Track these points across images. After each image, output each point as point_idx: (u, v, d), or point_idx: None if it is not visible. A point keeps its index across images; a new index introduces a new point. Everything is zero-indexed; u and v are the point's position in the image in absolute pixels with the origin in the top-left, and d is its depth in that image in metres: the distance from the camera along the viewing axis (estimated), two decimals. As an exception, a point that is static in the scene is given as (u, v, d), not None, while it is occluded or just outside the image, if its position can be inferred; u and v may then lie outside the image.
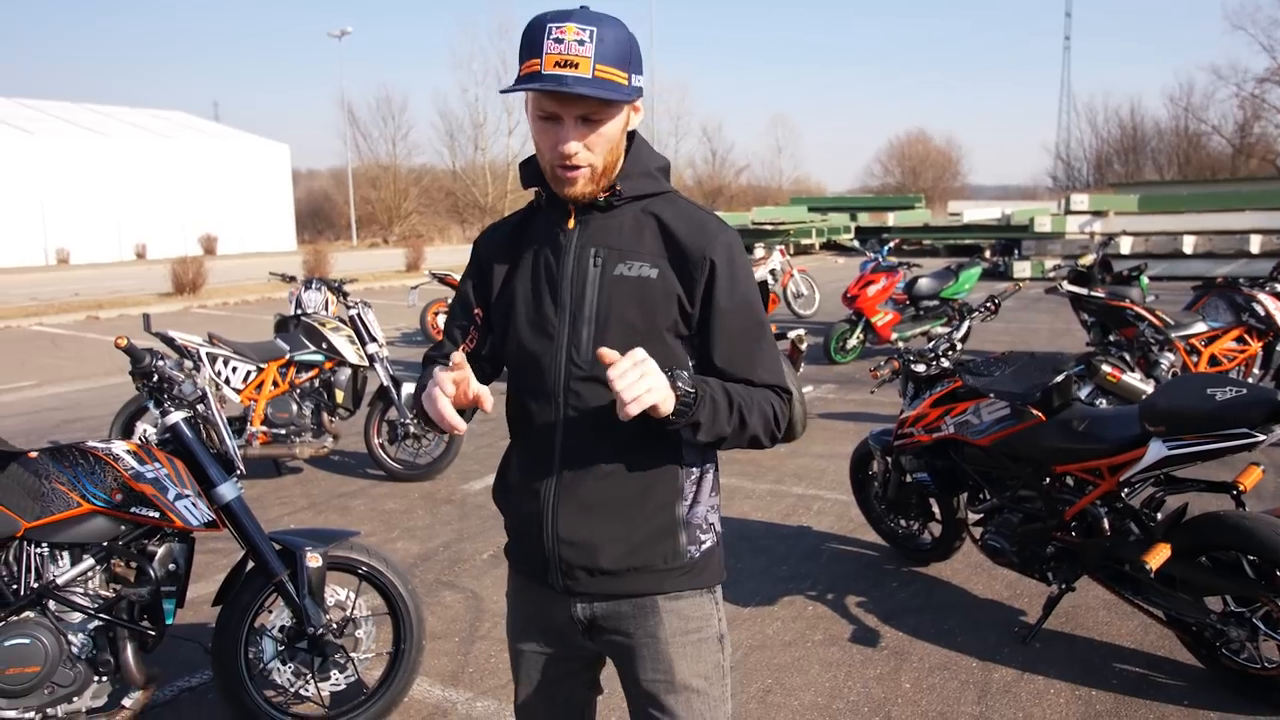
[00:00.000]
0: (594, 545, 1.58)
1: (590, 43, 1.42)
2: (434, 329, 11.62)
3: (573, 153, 1.48)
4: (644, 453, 1.57)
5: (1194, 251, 17.58)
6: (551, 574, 1.62)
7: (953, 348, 3.94)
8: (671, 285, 1.56)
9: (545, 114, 1.48)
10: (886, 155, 67.20)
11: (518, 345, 1.62)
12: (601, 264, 1.57)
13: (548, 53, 1.42)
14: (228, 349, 5.67)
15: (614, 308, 1.55)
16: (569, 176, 1.51)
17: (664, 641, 1.62)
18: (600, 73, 1.42)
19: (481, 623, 3.80)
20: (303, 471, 6.10)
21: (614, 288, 1.56)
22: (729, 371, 1.58)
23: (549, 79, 1.41)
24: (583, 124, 1.47)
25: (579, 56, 1.41)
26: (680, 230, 1.58)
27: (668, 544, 1.61)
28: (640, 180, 1.60)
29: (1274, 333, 6.04)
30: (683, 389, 1.44)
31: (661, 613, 1.63)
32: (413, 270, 23.14)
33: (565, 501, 1.58)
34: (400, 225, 46.10)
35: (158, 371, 2.76)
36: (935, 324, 9.39)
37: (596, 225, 1.59)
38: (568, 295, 1.57)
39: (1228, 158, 50.21)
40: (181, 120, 42.20)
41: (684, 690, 1.62)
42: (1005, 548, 3.59)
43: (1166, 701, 3.07)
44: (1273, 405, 2.83)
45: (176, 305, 16.71)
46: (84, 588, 2.64)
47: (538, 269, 1.62)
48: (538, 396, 1.59)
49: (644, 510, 1.59)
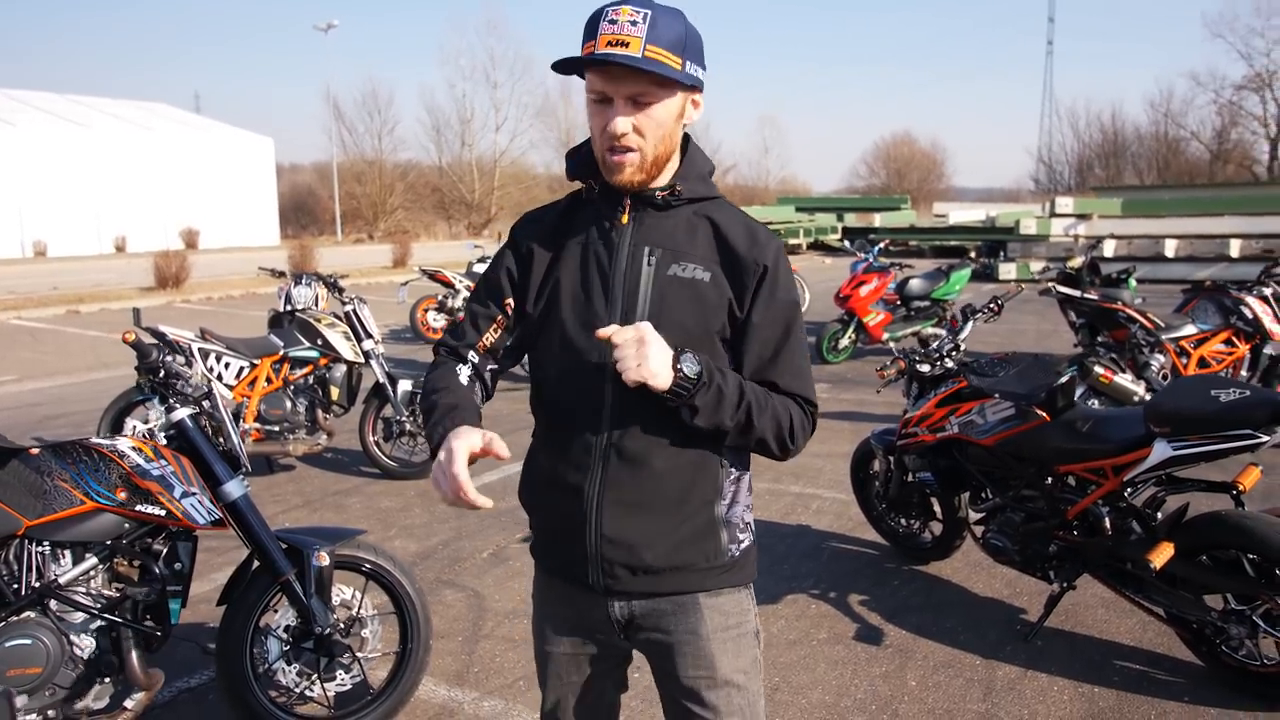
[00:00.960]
0: (638, 543, 1.57)
1: (643, 24, 1.43)
2: (424, 326, 11.56)
3: (622, 132, 1.48)
4: (689, 452, 1.57)
5: (1175, 255, 17.75)
6: (592, 573, 1.61)
7: (956, 348, 3.96)
8: (723, 289, 1.56)
9: (597, 95, 1.49)
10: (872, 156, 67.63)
11: (561, 340, 1.59)
12: (655, 263, 1.56)
13: (601, 34, 1.44)
14: (220, 344, 5.62)
15: (667, 308, 1.54)
16: (617, 161, 1.51)
17: (705, 638, 1.62)
18: (650, 53, 1.43)
19: (484, 622, 3.79)
20: (296, 469, 6.06)
21: (667, 288, 1.55)
22: (755, 377, 1.59)
23: (597, 55, 1.43)
24: (632, 105, 1.48)
25: (630, 36, 1.43)
26: (734, 236, 1.58)
27: (710, 543, 1.61)
28: (696, 183, 1.60)
29: (1261, 336, 6.11)
30: (684, 372, 1.45)
31: (703, 609, 1.62)
32: (400, 266, 23.02)
33: (610, 499, 1.57)
34: (386, 221, 45.84)
35: (165, 367, 2.72)
36: (926, 324, 9.44)
37: (651, 224, 1.58)
38: (620, 292, 1.56)
39: (1206, 163, 50.81)
40: (163, 112, 41.76)
41: (725, 686, 1.62)
42: (1008, 546, 3.61)
43: (1168, 698, 3.10)
44: (1276, 406, 2.86)
45: (159, 300, 16.54)
46: (86, 587, 2.60)
47: (587, 263, 1.59)
48: (582, 393, 1.57)
49: (686, 509, 1.59)
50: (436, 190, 51.46)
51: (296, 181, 54.39)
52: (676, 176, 1.58)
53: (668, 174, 1.58)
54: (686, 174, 1.59)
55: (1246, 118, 49.68)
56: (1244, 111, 49.52)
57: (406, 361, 9.85)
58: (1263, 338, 6.10)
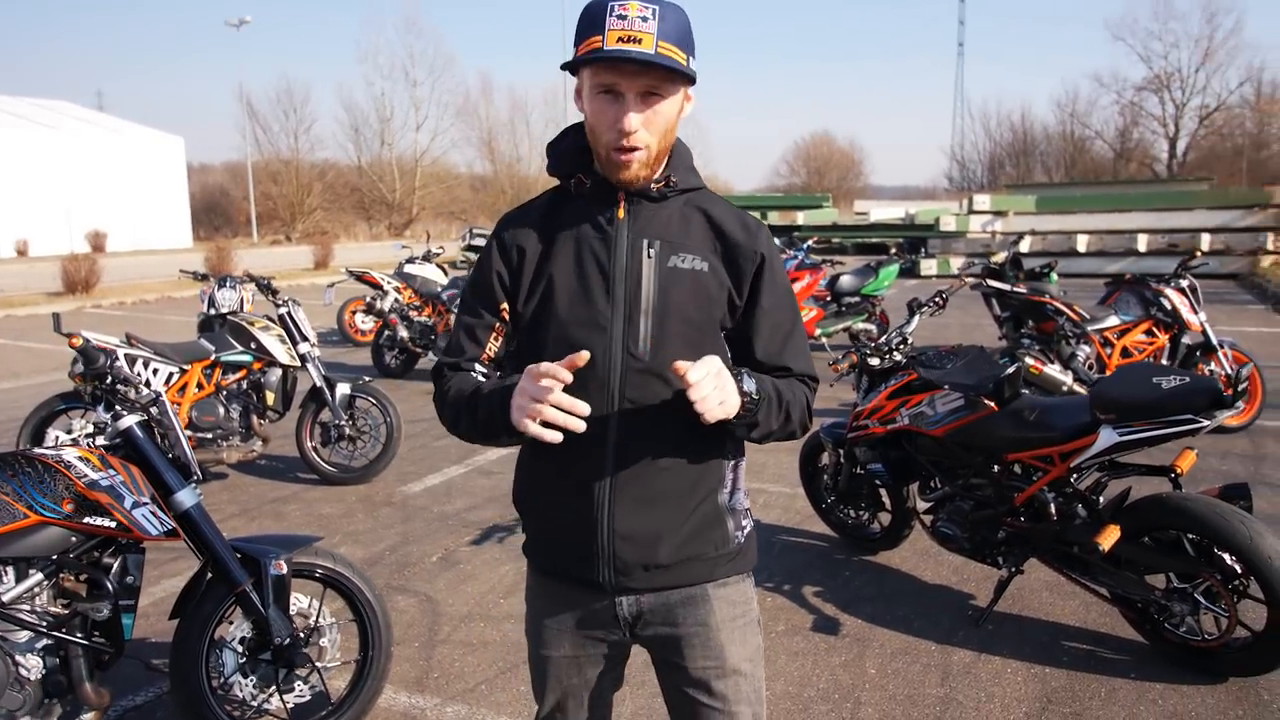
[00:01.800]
0: (652, 538, 1.56)
1: (653, 20, 1.42)
2: (351, 328, 11.32)
3: (634, 129, 1.46)
4: (696, 444, 1.57)
5: (1087, 250, 18.45)
6: (602, 570, 1.59)
7: (904, 341, 4.04)
8: (723, 279, 1.57)
9: (606, 88, 1.47)
10: (793, 156, 68.60)
11: (560, 338, 1.55)
12: (655, 255, 1.55)
13: (610, 29, 1.42)
14: (147, 350, 5.39)
15: (672, 301, 1.54)
16: (625, 159, 1.49)
17: (715, 629, 1.63)
18: (663, 49, 1.43)
19: (440, 626, 3.72)
20: (229, 477, 5.86)
21: (669, 280, 1.54)
22: (767, 363, 1.60)
23: (614, 52, 1.41)
24: (642, 101, 1.47)
25: (642, 32, 1.42)
26: (729, 225, 1.59)
27: (718, 531, 1.62)
28: (686, 174, 1.60)
29: (1180, 326, 6.38)
30: (748, 393, 1.46)
31: (712, 600, 1.63)
32: (322, 268, 22.51)
33: (621, 496, 1.55)
34: (304, 222, 44.71)
35: (113, 373, 2.61)
36: (857, 320, 9.61)
37: (646, 216, 1.57)
38: (622, 287, 1.54)
39: (1110, 161, 52.93)
40: (66, 110, 40.00)
41: (733, 675, 1.64)
42: (957, 534, 3.70)
43: (1115, 675, 3.22)
44: (1215, 393, 3.00)
45: (69, 305, 15.84)
46: (32, 604, 2.47)
47: (582, 258, 1.57)
48: (587, 390, 1.52)
49: (695, 500, 1.59)
50: (356, 190, 50.43)
51: (208, 182, 52.68)
52: (669, 168, 1.58)
53: (663, 167, 1.58)
54: (677, 165, 1.59)
55: (1147, 118, 52.00)
56: (1144, 112, 51.81)
57: (336, 365, 9.63)
58: (1181, 328, 6.36)
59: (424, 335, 8.99)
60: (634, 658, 1.83)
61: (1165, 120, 50.51)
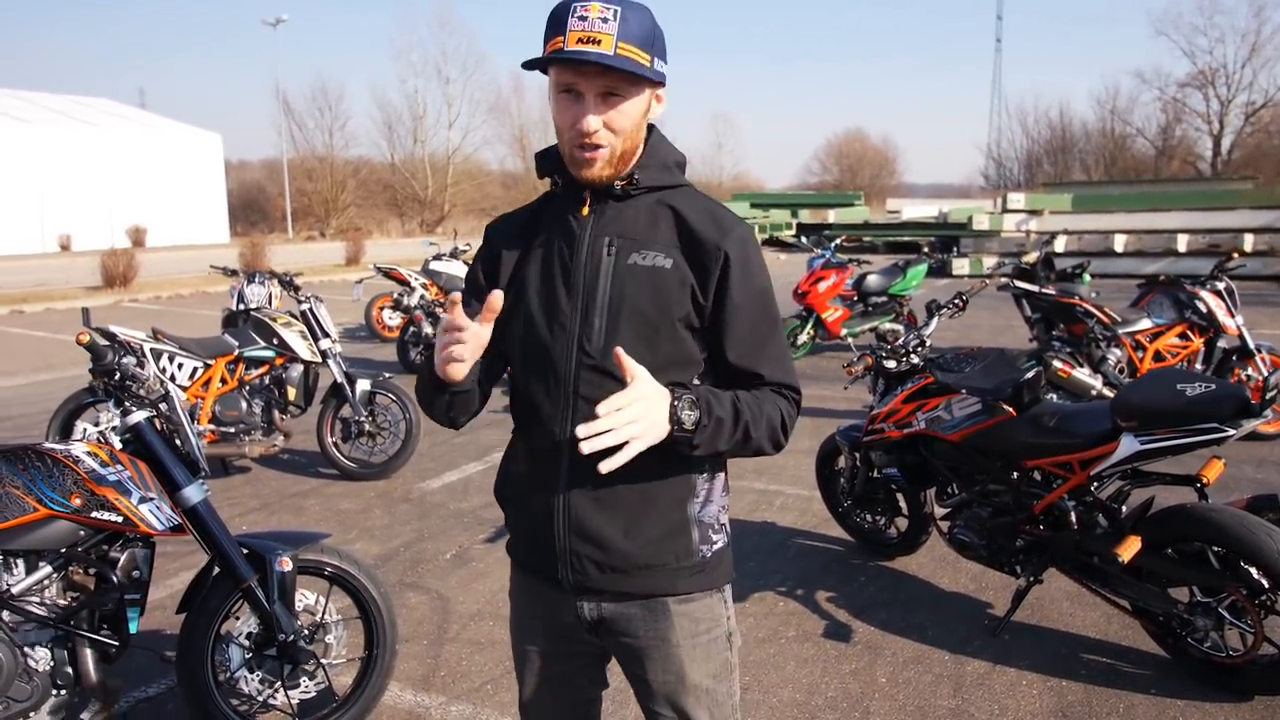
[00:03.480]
0: (606, 538, 1.55)
1: (614, 21, 1.43)
2: (379, 324, 11.40)
3: (593, 129, 1.47)
4: (657, 448, 1.50)
5: (1124, 250, 18.13)
6: (561, 569, 1.59)
7: (922, 344, 3.97)
8: (685, 276, 1.54)
9: (565, 88, 1.48)
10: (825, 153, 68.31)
11: (527, 334, 1.59)
12: (615, 253, 1.55)
13: (571, 30, 1.42)
14: (173, 344, 5.47)
15: (627, 297, 1.53)
16: (588, 157, 1.50)
17: (674, 645, 1.61)
18: (622, 50, 1.43)
19: (450, 624, 3.72)
20: (251, 471, 5.92)
21: (627, 277, 1.54)
22: (738, 365, 1.58)
23: (572, 53, 1.42)
24: (603, 101, 1.47)
25: (602, 33, 1.42)
26: (695, 222, 1.57)
27: (680, 542, 1.59)
28: (657, 172, 1.59)
29: (1215, 329, 6.23)
30: (682, 421, 1.44)
31: (673, 615, 1.61)
32: (353, 264, 22.70)
33: (577, 493, 1.55)
34: (337, 218, 45.19)
35: (121, 369, 2.62)
36: (884, 320, 9.50)
37: (611, 214, 1.57)
38: (580, 284, 1.55)
39: (1151, 159, 51.97)
40: (108, 108, 40.72)
41: (694, 690, 1.63)
42: (974, 541, 3.63)
43: (1134, 690, 3.14)
44: (1241, 400, 2.90)
45: (107, 299, 16.12)
46: (41, 597, 2.50)
47: (550, 257, 1.59)
48: (548, 387, 1.56)
49: (658, 506, 1.57)
50: (389, 187, 50.86)
51: (245, 178, 53.39)
52: (635, 166, 1.57)
53: (630, 166, 1.57)
54: (646, 163, 1.58)
55: (1190, 115, 50.93)
56: (1188, 109, 50.78)
57: (362, 360, 9.70)
58: (1216, 331, 6.21)
59: (449, 332, 9.01)
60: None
61: (1209, 117, 49.52)
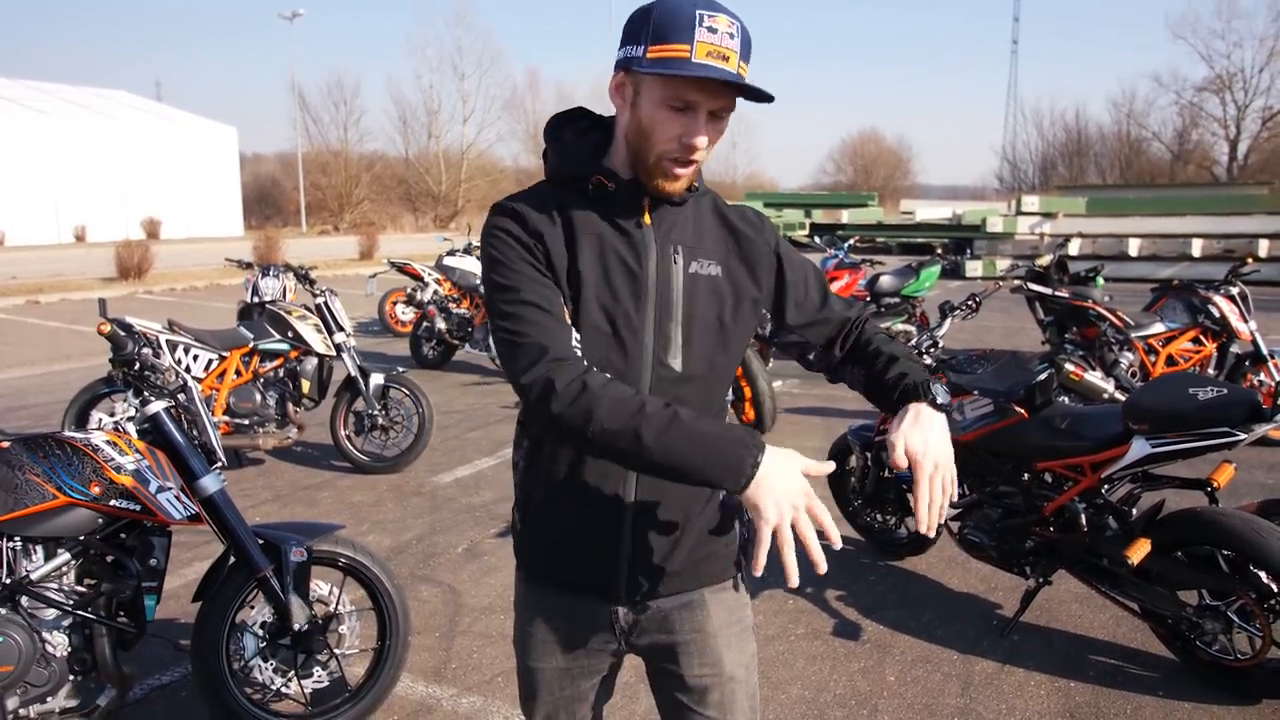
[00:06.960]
0: (670, 544, 1.55)
1: (738, 37, 1.37)
2: (392, 319, 11.45)
3: (702, 146, 1.42)
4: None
5: (1139, 254, 18.04)
6: (616, 580, 1.55)
7: (935, 345, 3.97)
8: (738, 279, 1.57)
9: (683, 104, 1.39)
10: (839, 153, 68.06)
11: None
12: (681, 262, 1.52)
13: (700, 40, 1.34)
14: (188, 336, 5.51)
15: (698, 307, 1.52)
16: (680, 172, 1.45)
17: (712, 635, 1.60)
18: (742, 69, 1.38)
19: (461, 617, 3.75)
20: (265, 463, 5.97)
21: (693, 286, 1.52)
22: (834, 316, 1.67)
23: (716, 69, 1.35)
24: (710, 119, 1.42)
25: (729, 50, 1.35)
26: (741, 227, 1.59)
27: (725, 527, 1.61)
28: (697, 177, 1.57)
29: (1228, 334, 6.21)
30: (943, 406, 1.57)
31: (709, 605, 1.61)
32: (367, 259, 22.80)
33: (648, 504, 1.52)
34: (351, 212, 45.39)
35: (140, 359, 2.66)
36: (896, 321, 9.47)
37: (670, 220, 1.53)
38: (653, 293, 1.49)
39: (1167, 164, 51.65)
40: (124, 100, 40.98)
41: (730, 681, 1.61)
42: (984, 542, 3.64)
43: (1142, 693, 3.14)
44: (1253, 405, 2.90)
45: (122, 290, 16.24)
46: (59, 583, 2.53)
47: (607, 260, 1.48)
48: None
49: (707, 503, 1.58)
50: (403, 182, 51.06)
51: (260, 172, 53.63)
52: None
53: None
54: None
55: (1207, 119, 50.59)
56: (1204, 113, 50.44)
57: (375, 355, 9.75)
58: (1230, 336, 6.19)
59: (461, 327, 9.05)
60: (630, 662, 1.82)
61: (1226, 122, 49.17)
